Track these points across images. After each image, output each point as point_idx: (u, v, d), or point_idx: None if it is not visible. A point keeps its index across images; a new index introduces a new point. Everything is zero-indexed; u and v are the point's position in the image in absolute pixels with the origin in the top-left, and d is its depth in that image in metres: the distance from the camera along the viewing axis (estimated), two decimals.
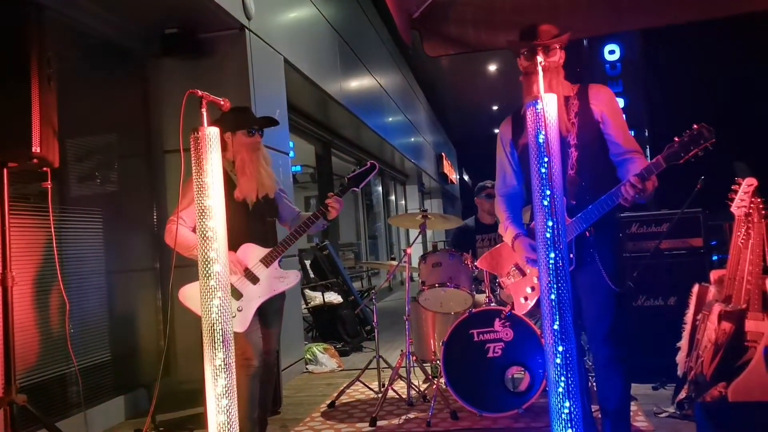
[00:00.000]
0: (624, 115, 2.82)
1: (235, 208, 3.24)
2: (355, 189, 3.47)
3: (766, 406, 2.78)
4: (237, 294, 3.19)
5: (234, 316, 3.13)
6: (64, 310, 3.23)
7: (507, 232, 2.95)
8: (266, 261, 3.25)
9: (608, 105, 2.74)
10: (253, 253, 3.25)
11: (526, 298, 2.97)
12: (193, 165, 2.11)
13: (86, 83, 4.53)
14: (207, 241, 2.09)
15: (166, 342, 4.85)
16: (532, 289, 2.93)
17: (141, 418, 4.51)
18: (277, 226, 3.55)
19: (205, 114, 2.15)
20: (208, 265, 2.08)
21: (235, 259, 3.19)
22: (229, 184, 3.27)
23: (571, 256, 2.70)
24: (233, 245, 3.17)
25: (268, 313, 3.37)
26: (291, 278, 3.33)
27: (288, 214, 3.56)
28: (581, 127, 2.70)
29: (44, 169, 2.99)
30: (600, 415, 2.92)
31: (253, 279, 3.23)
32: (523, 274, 3.00)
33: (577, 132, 2.70)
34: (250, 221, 3.31)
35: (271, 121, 3.45)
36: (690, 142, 2.50)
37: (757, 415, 2.76)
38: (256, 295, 3.22)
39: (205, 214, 2.09)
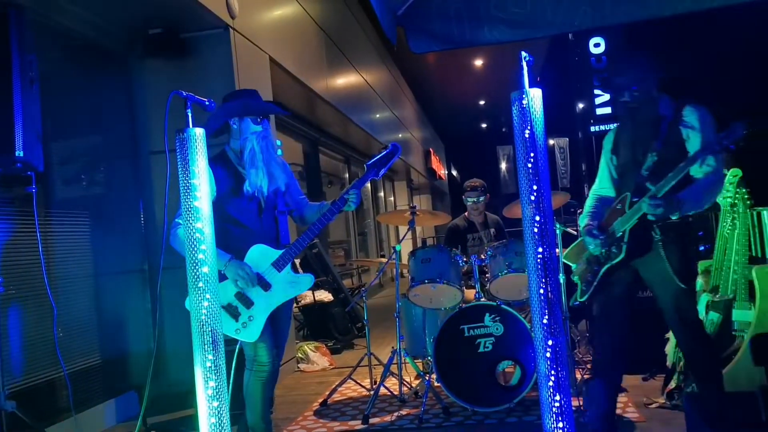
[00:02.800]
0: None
1: (244, 204, 3.05)
2: (375, 177, 3.16)
3: (753, 396, 2.81)
4: (247, 303, 2.97)
5: (245, 326, 2.96)
6: (52, 314, 3.20)
7: (582, 221, 3.17)
8: (278, 265, 3.00)
9: (694, 128, 2.80)
10: (264, 256, 3.01)
11: (588, 284, 3.07)
12: (179, 166, 2.09)
13: (70, 85, 4.49)
14: (195, 243, 2.08)
15: (156, 344, 4.83)
16: (593, 275, 3.04)
17: (132, 421, 4.50)
18: (289, 221, 3.30)
19: (190, 115, 2.13)
20: (197, 267, 2.07)
21: (248, 271, 2.94)
22: (237, 178, 3.06)
23: (623, 243, 2.85)
24: (243, 246, 2.98)
25: (280, 319, 3.17)
26: (304, 282, 3.09)
27: (295, 203, 3.26)
28: (668, 138, 2.82)
29: (28, 173, 2.96)
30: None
31: (265, 286, 2.99)
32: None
33: (663, 140, 2.81)
34: (262, 218, 3.09)
35: (283, 108, 3.25)
36: (723, 137, 2.58)
37: (745, 404, 2.79)
38: (267, 303, 2.99)
39: (192, 216, 2.08)
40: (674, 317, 2.87)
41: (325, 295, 7.21)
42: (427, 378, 4.25)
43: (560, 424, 1.92)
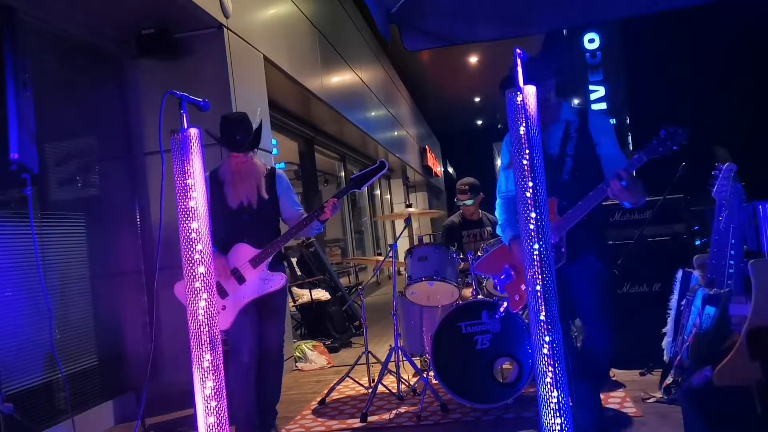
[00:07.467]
0: (612, 124, 3.03)
1: (234, 214, 3.42)
2: (356, 190, 3.50)
3: (749, 390, 2.81)
4: (223, 293, 3.35)
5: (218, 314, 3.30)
6: (48, 316, 3.19)
7: (504, 233, 3.18)
8: (254, 262, 3.37)
9: (605, 133, 2.97)
10: (243, 253, 3.38)
11: (520, 297, 3.12)
12: (173, 166, 2.08)
13: (63, 87, 4.47)
14: (191, 243, 2.07)
15: (153, 344, 4.83)
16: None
17: (130, 422, 4.49)
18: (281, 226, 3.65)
19: (184, 115, 2.12)
20: (193, 267, 2.06)
21: (222, 263, 3.34)
22: (222, 192, 3.43)
23: (563, 250, 2.83)
24: (228, 244, 3.38)
25: (264, 312, 3.50)
26: (276, 281, 3.43)
27: (289, 215, 3.61)
28: (579, 142, 2.93)
29: (23, 175, 2.95)
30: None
31: (240, 279, 3.37)
32: (518, 273, 3.14)
33: (576, 145, 2.93)
34: (252, 225, 3.44)
35: (233, 142, 3.40)
36: (666, 139, 2.70)
37: (741, 398, 2.80)
38: (241, 295, 3.36)
39: (188, 216, 2.08)
40: (595, 303, 2.95)
41: (322, 294, 7.21)
42: (425, 375, 4.25)
43: (558, 420, 1.93)
